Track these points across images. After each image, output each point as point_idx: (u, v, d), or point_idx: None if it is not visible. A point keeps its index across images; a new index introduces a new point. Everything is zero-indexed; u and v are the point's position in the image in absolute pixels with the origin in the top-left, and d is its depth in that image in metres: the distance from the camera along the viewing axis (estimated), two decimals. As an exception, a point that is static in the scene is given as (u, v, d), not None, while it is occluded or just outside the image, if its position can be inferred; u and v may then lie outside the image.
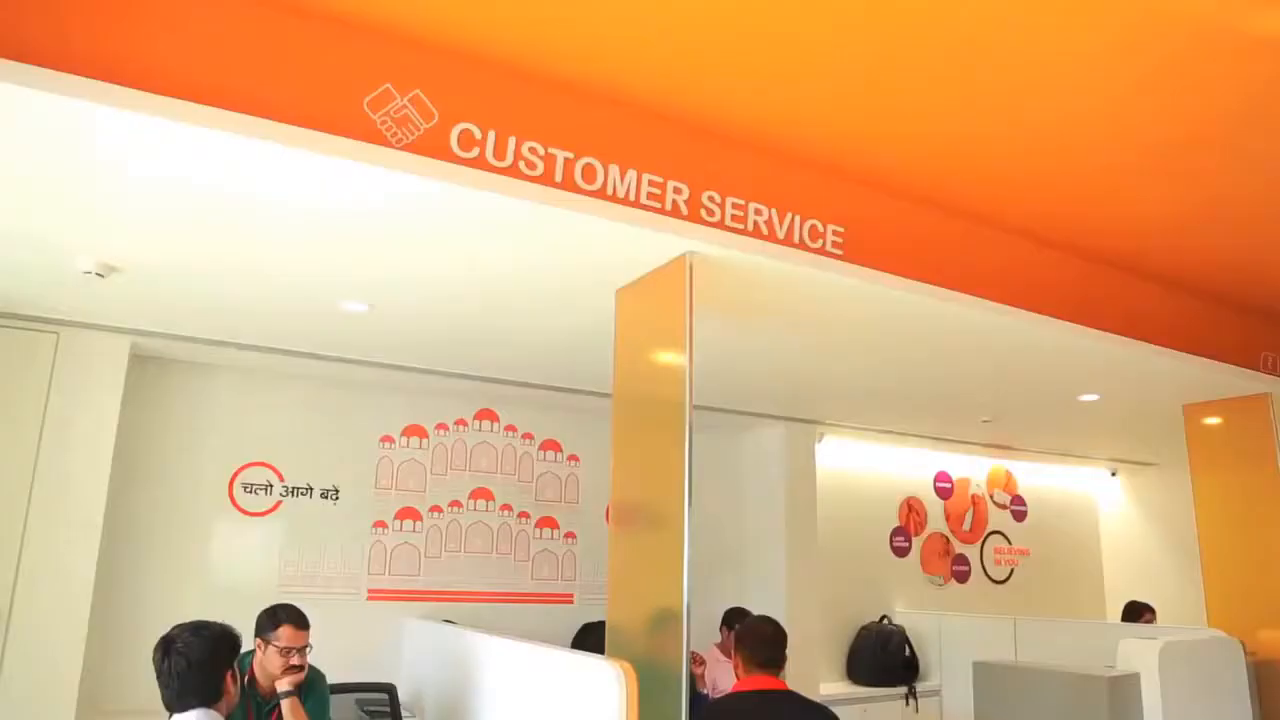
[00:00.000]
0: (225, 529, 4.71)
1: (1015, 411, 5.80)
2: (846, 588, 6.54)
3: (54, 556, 3.90)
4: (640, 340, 3.25)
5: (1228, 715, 4.36)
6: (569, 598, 5.58)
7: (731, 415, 5.81)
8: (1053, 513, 8.09)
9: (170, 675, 2.23)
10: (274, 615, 3.30)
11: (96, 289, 3.55)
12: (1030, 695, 4.37)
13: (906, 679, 6.25)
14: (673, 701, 2.71)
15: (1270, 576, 4.91)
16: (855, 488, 6.77)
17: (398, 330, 4.13)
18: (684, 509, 2.73)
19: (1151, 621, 6.03)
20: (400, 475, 5.19)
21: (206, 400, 4.75)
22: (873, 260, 3.31)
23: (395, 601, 5.05)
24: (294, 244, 3.08)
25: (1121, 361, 4.39)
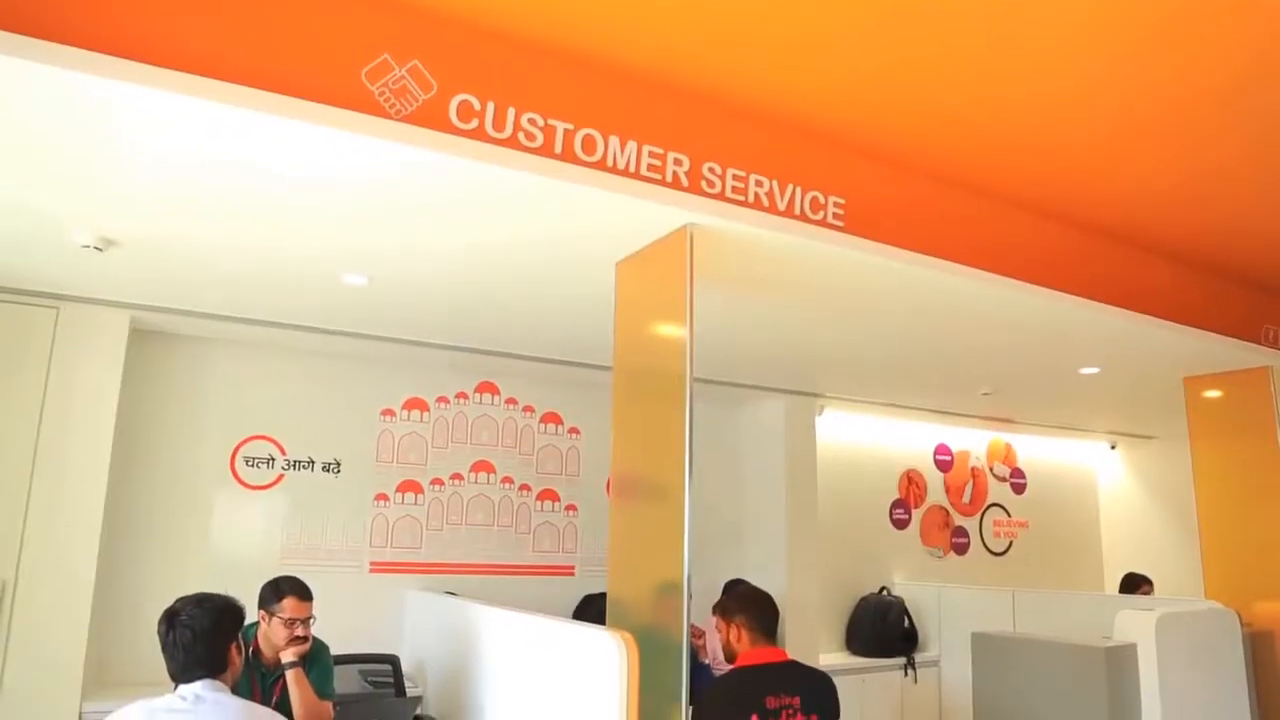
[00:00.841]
0: (227, 502, 4.73)
1: (1015, 384, 5.80)
2: (846, 559, 6.58)
3: (57, 530, 3.92)
4: (640, 313, 3.24)
5: (1223, 685, 4.40)
6: (570, 570, 5.61)
7: (732, 388, 5.81)
8: (1052, 486, 8.12)
9: (175, 647, 2.25)
10: (277, 587, 3.32)
11: (96, 263, 3.54)
12: (1028, 666, 4.41)
13: (905, 650, 6.30)
14: (673, 671, 2.73)
15: (1267, 549, 4.94)
16: (855, 460, 6.80)
17: (398, 303, 4.12)
18: (684, 481, 2.74)
19: (1149, 593, 6.07)
20: (401, 448, 5.20)
21: (207, 374, 4.76)
22: (874, 232, 3.30)
23: (397, 574, 5.08)
24: (292, 217, 3.07)
25: (1122, 334, 4.39)
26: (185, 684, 2.23)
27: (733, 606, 3.22)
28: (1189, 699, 4.17)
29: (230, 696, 2.25)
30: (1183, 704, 4.13)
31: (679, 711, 2.64)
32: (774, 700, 2.93)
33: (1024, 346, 4.74)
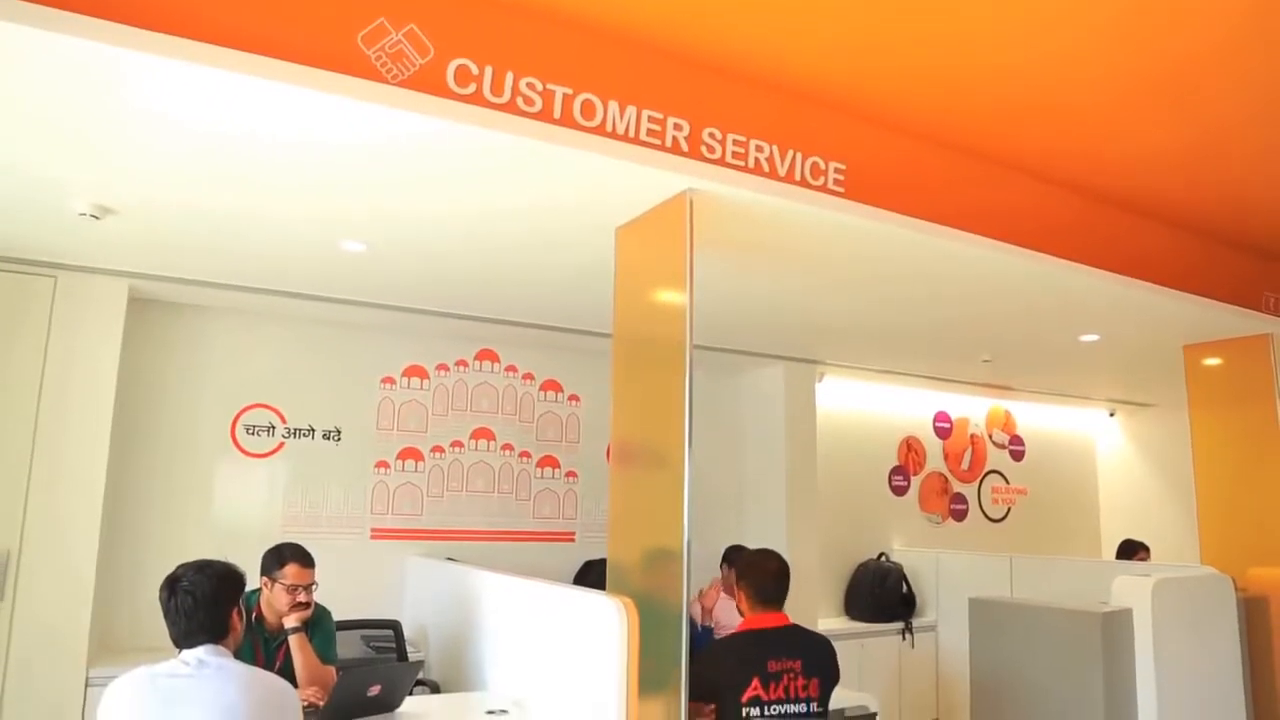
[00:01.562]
0: (228, 470, 4.75)
1: (1015, 351, 5.80)
2: (845, 526, 6.62)
3: (59, 499, 3.94)
4: (640, 279, 3.23)
5: (1216, 649, 4.44)
6: (570, 536, 5.65)
7: (732, 355, 5.81)
8: (1051, 453, 8.14)
9: (177, 613, 2.26)
10: (279, 554, 3.34)
11: (93, 231, 3.52)
12: (1025, 630, 4.45)
13: (903, 615, 6.36)
14: (673, 635, 2.75)
15: (1264, 515, 4.97)
16: (855, 427, 6.81)
17: (397, 270, 4.11)
18: (684, 448, 2.75)
19: (1145, 559, 6.11)
20: (401, 416, 5.21)
21: (207, 342, 4.75)
22: (874, 198, 3.28)
23: (398, 540, 5.11)
24: (289, 183, 3.04)
25: (1122, 301, 4.38)
26: (188, 649, 2.24)
27: (741, 571, 3.26)
28: (1183, 663, 4.22)
29: (233, 661, 2.27)
30: (1177, 667, 4.17)
31: (679, 675, 2.67)
32: (775, 663, 2.97)
33: (1024, 313, 4.73)
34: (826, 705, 2.99)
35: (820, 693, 2.97)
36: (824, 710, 2.96)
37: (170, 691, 2.13)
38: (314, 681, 3.21)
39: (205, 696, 2.12)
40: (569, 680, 3.10)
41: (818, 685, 2.96)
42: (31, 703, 3.78)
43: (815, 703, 2.95)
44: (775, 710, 2.92)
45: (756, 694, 2.94)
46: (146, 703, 2.12)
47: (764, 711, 2.92)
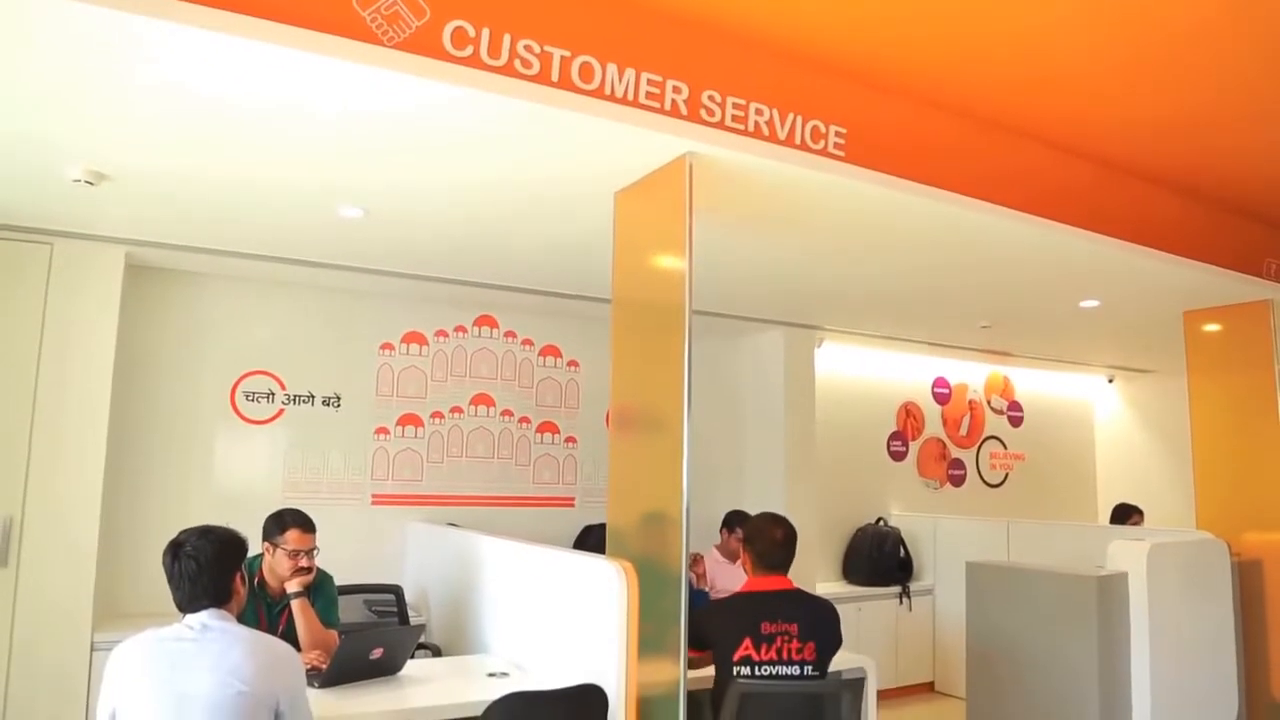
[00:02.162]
0: (228, 437, 4.76)
1: (1015, 317, 5.80)
2: (844, 491, 6.66)
3: (60, 466, 3.95)
4: (639, 244, 3.22)
5: (1210, 612, 4.49)
6: (570, 501, 5.68)
7: (731, 320, 5.81)
8: (1049, 419, 8.17)
9: (180, 577, 2.27)
10: (280, 519, 3.36)
11: (88, 198, 3.49)
12: (1021, 594, 4.49)
13: (901, 579, 6.41)
14: (672, 598, 2.77)
15: (1259, 480, 4.99)
16: (854, 393, 6.83)
17: (395, 236, 4.09)
18: (683, 413, 2.75)
19: (1139, 524, 6.16)
20: (401, 382, 5.21)
21: (205, 309, 4.74)
22: (875, 162, 3.26)
23: (399, 506, 5.14)
24: (285, 148, 3.02)
25: (1123, 267, 4.36)
26: (191, 614, 2.26)
27: (748, 535, 3.28)
28: (1177, 625, 4.26)
29: (236, 625, 2.28)
30: (1171, 630, 4.21)
31: (678, 637, 2.69)
32: (770, 625, 2.99)
33: (1024, 279, 4.71)
34: (824, 669, 3.01)
35: (817, 656, 2.98)
36: (820, 673, 2.98)
37: (175, 655, 2.15)
38: (317, 645, 3.24)
39: (209, 660, 2.14)
40: (569, 643, 3.13)
41: (814, 649, 2.98)
42: (38, 668, 3.81)
43: (811, 666, 2.97)
44: (766, 670, 2.95)
45: (747, 653, 2.97)
46: (151, 667, 2.14)
47: (754, 671, 2.95)
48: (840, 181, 3.23)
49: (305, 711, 2.30)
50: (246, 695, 2.12)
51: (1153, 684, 4.11)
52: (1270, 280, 4.84)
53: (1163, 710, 4.13)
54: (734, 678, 2.95)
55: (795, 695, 2.91)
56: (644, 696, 2.79)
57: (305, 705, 2.31)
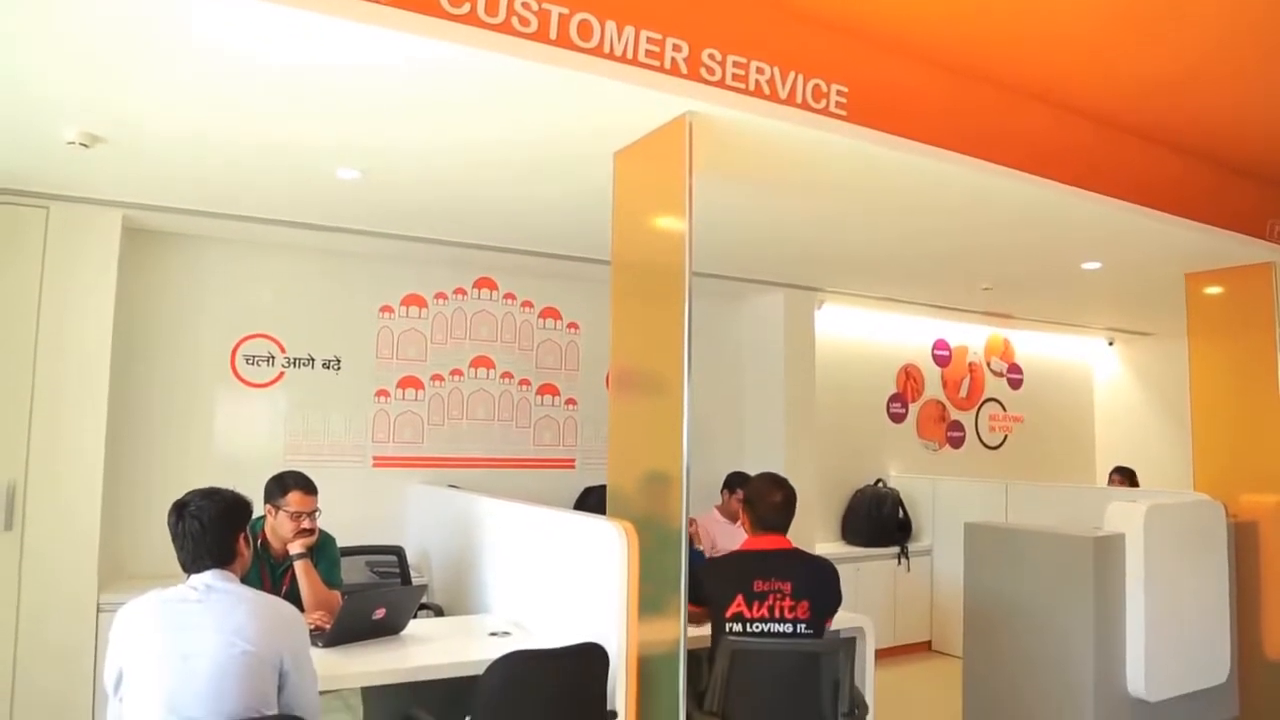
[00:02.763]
0: (229, 400, 4.77)
1: (1016, 279, 5.78)
2: (843, 452, 6.68)
3: (62, 431, 3.96)
4: (639, 205, 3.20)
5: (1206, 573, 4.52)
6: (570, 463, 5.70)
7: (731, 282, 5.79)
8: (1048, 381, 8.18)
9: (185, 536, 2.28)
10: (282, 481, 3.37)
11: (84, 160, 3.47)
12: (1018, 555, 4.52)
13: (899, 540, 6.46)
14: (673, 558, 2.79)
15: (1258, 443, 5.01)
16: (854, 354, 6.83)
17: (393, 198, 4.06)
18: (683, 374, 2.75)
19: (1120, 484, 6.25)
20: (401, 344, 5.21)
21: (204, 273, 4.73)
22: (877, 122, 3.22)
23: (400, 468, 5.16)
24: (281, 108, 2.99)
25: (1126, 228, 4.34)
26: (196, 574, 2.27)
27: (748, 496, 3.30)
28: (1173, 586, 4.29)
29: (240, 586, 2.30)
30: (1166, 590, 4.25)
31: (678, 597, 2.72)
32: (762, 584, 3.01)
33: (1027, 240, 4.69)
34: (819, 628, 3.04)
35: (811, 615, 3.00)
36: (814, 631, 3.01)
37: (179, 616, 2.17)
38: (320, 606, 3.27)
39: (214, 620, 2.16)
40: (570, 603, 3.16)
41: (808, 608, 3.00)
42: (45, 629, 3.86)
43: (804, 624, 2.99)
44: (758, 628, 2.98)
45: (739, 610, 2.99)
46: (157, 628, 2.16)
47: (746, 628, 2.98)
48: (841, 141, 3.20)
49: (309, 670, 2.33)
50: (251, 655, 2.14)
51: (1147, 643, 4.15)
52: (1273, 242, 4.82)
53: (1156, 669, 4.18)
54: (725, 634, 2.98)
55: (788, 653, 2.93)
56: (644, 655, 2.83)
57: (309, 664, 2.33)
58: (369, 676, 2.84)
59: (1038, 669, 4.32)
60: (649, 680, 2.82)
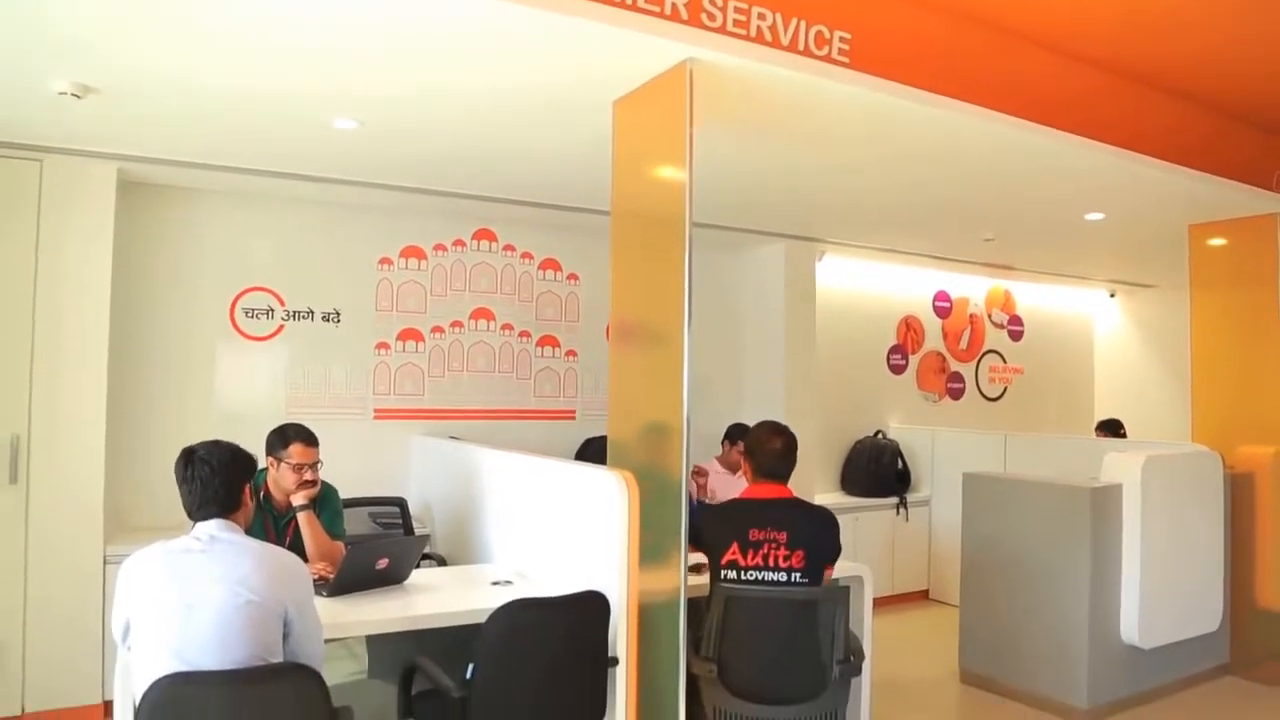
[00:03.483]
0: (229, 354, 4.76)
1: (1019, 230, 5.74)
2: (843, 403, 6.70)
3: (63, 384, 3.96)
4: (639, 154, 3.16)
5: (1201, 523, 4.56)
6: (571, 414, 5.72)
7: (732, 232, 5.76)
8: (1049, 333, 8.17)
9: (193, 480, 2.30)
10: (283, 434, 3.38)
11: (77, 112, 3.42)
12: (1016, 504, 4.56)
13: (898, 491, 6.50)
14: (673, 509, 2.81)
15: (1257, 394, 5.02)
16: (854, 306, 6.81)
17: (390, 148, 4.02)
18: (683, 325, 2.74)
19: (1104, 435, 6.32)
20: (400, 297, 5.19)
21: (201, 226, 4.69)
22: (880, 69, 3.17)
23: (402, 420, 5.18)
24: (276, 54, 2.94)
25: (1129, 178, 4.30)
26: (201, 522, 2.29)
27: (748, 445, 3.31)
28: (1168, 536, 4.33)
29: (244, 536, 2.32)
30: (1162, 539, 4.29)
31: (679, 547, 2.74)
32: (758, 532, 3.03)
33: (1030, 190, 4.65)
34: (815, 577, 3.07)
35: (807, 564, 3.03)
36: (809, 580, 3.04)
37: (184, 567, 2.19)
38: (323, 556, 3.29)
39: (218, 570, 2.18)
40: (571, 552, 3.19)
41: (803, 557, 3.02)
42: (53, 581, 3.90)
43: (800, 573, 3.02)
44: (752, 576, 3.00)
45: (734, 558, 3.02)
46: (162, 578, 2.17)
47: (740, 576, 3.01)
48: (844, 88, 3.15)
49: (314, 619, 2.36)
50: (255, 604, 2.16)
51: (1142, 592, 4.21)
52: (1278, 193, 4.78)
53: (1150, 618, 4.24)
54: (721, 581, 3.01)
55: (782, 601, 2.96)
56: (645, 603, 2.86)
57: (313, 613, 2.36)
58: (373, 625, 2.88)
59: (1033, 617, 4.38)
60: (649, 628, 2.86)
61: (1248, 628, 4.85)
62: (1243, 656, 4.86)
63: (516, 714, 2.66)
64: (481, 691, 2.58)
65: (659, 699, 2.81)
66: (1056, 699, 4.25)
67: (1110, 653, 4.26)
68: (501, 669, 2.62)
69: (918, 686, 4.67)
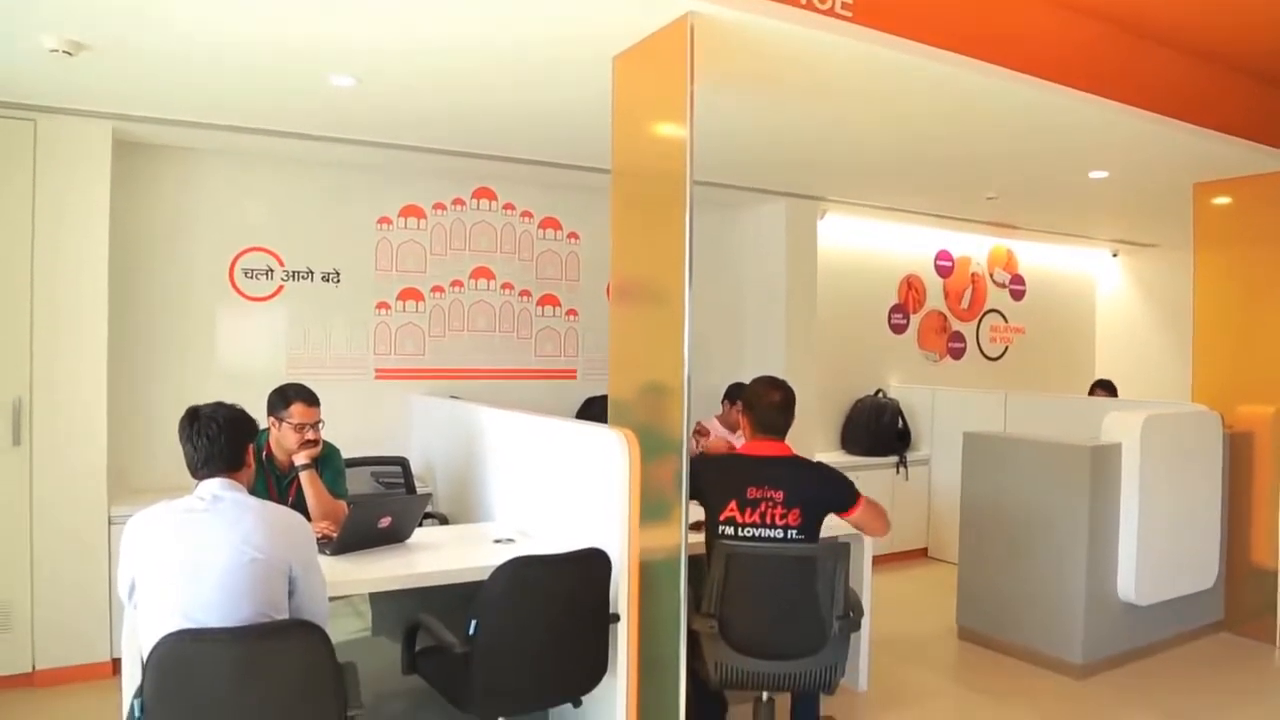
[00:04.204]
0: (229, 315, 4.75)
1: (1022, 188, 5.70)
2: (844, 362, 6.70)
3: (63, 347, 3.96)
4: (639, 111, 3.12)
5: (1200, 481, 4.58)
6: (572, 373, 5.72)
7: (733, 190, 5.73)
8: (1051, 292, 8.15)
9: (199, 436, 2.31)
10: (284, 394, 3.38)
11: (69, 69, 3.37)
12: (1016, 463, 4.57)
13: (898, 449, 6.53)
14: (674, 466, 2.82)
15: (1258, 354, 5.02)
16: (856, 264, 6.79)
17: (388, 106, 3.98)
18: (684, 284, 2.73)
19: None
20: (400, 256, 5.17)
21: (199, 186, 4.66)
22: (883, 23, 3.12)
23: (403, 380, 5.18)
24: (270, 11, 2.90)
25: (1135, 136, 4.25)
26: (205, 480, 2.30)
27: (746, 400, 3.32)
28: (1166, 494, 4.36)
29: (247, 495, 2.33)
30: (1160, 498, 4.31)
31: (680, 505, 2.75)
32: (755, 490, 3.05)
33: (1034, 148, 4.60)
34: (813, 534, 3.09)
35: (803, 521, 3.05)
36: (806, 538, 3.07)
37: (188, 525, 2.20)
38: (326, 516, 3.31)
39: (222, 529, 2.19)
40: (573, 510, 3.21)
41: (799, 515, 3.04)
42: (59, 542, 3.93)
43: (796, 530, 3.05)
44: (749, 533, 3.03)
45: (732, 515, 3.05)
46: (166, 537, 2.19)
47: (738, 533, 3.04)
48: (846, 43, 3.10)
49: (318, 577, 2.38)
50: (260, 562, 2.18)
51: (1139, 550, 4.24)
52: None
53: (1146, 575, 4.28)
54: (719, 537, 3.04)
55: (782, 558, 2.99)
56: (646, 560, 2.88)
57: (317, 571, 2.38)
58: (377, 583, 2.90)
59: (1031, 575, 4.42)
60: (651, 585, 2.88)
61: (1242, 585, 4.89)
62: (1236, 613, 4.91)
63: (519, 669, 2.70)
64: (484, 647, 2.61)
65: (659, 655, 2.84)
66: (1052, 654, 4.30)
67: (1106, 609, 4.30)
68: (503, 625, 2.64)
69: (916, 642, 4.73)
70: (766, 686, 3.01)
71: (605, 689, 2.90)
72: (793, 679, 2.96)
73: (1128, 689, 4.13)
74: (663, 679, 2.81)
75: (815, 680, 2.97)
